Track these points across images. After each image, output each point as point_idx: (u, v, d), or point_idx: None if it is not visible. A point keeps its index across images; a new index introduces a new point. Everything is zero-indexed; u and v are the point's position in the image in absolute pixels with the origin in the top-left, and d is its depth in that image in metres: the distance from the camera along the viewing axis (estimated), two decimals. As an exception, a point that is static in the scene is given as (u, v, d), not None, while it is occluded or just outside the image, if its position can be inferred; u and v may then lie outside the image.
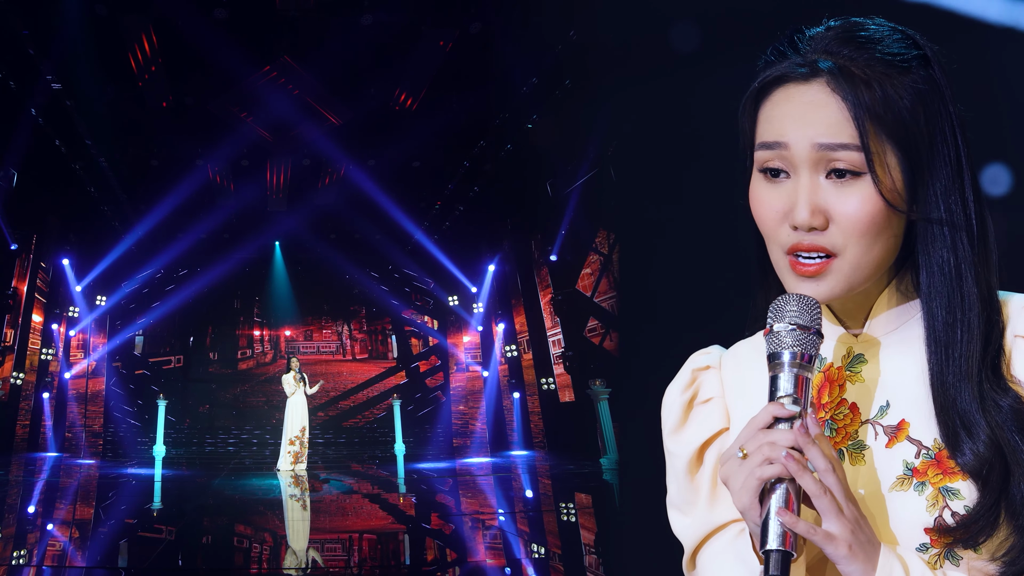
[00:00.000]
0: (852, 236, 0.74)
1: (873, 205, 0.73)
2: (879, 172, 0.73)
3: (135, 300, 12.40)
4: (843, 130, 0.73)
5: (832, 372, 0.82)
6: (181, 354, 12.89)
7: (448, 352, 13.79)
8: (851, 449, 0.79)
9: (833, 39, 0.76)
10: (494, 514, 7.13)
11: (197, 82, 9.14)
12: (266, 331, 13.40)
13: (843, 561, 0.69)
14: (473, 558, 5.18)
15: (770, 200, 0.77)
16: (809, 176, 0.74)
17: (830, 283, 0.75)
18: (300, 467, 9.88)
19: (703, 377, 0.90)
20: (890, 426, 0.78)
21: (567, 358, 11.69)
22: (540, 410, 12.41)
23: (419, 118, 10.07)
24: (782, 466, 0.69)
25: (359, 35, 8.58)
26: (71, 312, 11.79)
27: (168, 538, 6.12)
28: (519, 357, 12.94)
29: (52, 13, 7.69)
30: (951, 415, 0.73)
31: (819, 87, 0.74)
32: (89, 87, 8.70)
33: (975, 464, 0.72)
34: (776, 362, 0.74)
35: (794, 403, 0.72)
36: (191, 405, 12.68)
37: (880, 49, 0.75)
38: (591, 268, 11.47)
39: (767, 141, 0.77)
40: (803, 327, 0.73)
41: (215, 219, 11.52)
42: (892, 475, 0.76)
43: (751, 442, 0.71)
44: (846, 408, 0.81)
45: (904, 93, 0.74)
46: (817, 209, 0.74)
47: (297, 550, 5.58)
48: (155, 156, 10.33)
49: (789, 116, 0.75)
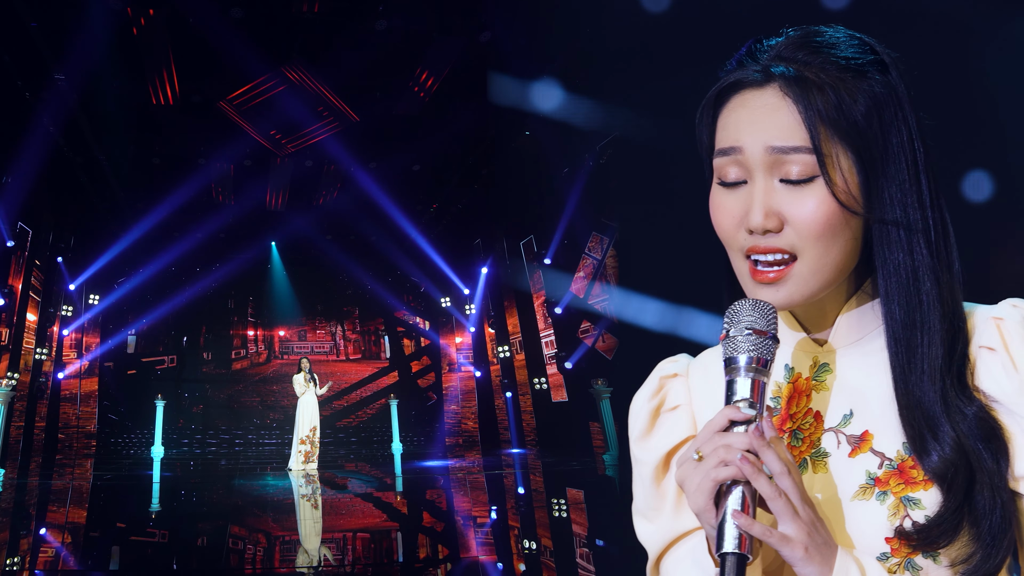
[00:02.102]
0: (808, 239, 0.73)
1: (827, 207, 0.72)
2: (832, 175, 0.72)
3: (129, 300, 12.13)
4: (796, 133, 0.73)
5: (801, 383, 0.81)
6: (175, 354, 12.69)
7: (441, 352, 13.86)
8: (814, 457, 0.78)
9: (789, 46, 0.76)
10: (520, 509, 7.27)
11: (206, 80, 8.97)
12: (260, 331, 13.25)
13: (799, 563, 0.69)
14: (517, 547, 5.27)
15: (727, 206, 0.77)
16: (764, 180, 0.74)
17: (790, 289, 0.75)
18: (311, 466, 9.83)
19: (670, 385, 0.89)
20: (853, 435, 0.77)
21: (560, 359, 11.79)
22: (532, 409, 12.51)
23: (423, 123, 10.12)
24: (737, 468, 0.68)
25: (372, 40, 8.56)
26: (65, 311, 11.54)
27: (206, 543, 6.04)
28: (511, 358, 12.99)
29: (65, 5, 7.51)
30: (916, 415, 0.73)
31: (773, 92, 0.74)
32: (95, 81, 8.48)
33: (941, 468, 0.71)
34: (732, 366, 0.73)
35: (750, 407, 0.71)
36: (184, 405, 12.49)
37: (835, 54, 0.75)
38: (584, 271, 11.58)
39: (723, 147, 0.76)
40: (759, 332, 0.73)
41: (213, 219, 11.43)
42: (854, 484, 0.75)
43: (707, 445, 0.70)
44: (811, 417, 0.80)
45: (859, 97, 0.73)
46: (771, 212, 0.73)
47: (330, 548, 5.54)
48: (157, 154, 10.25)
49: (744, 121, 0.75)
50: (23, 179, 9.57)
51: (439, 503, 8.01)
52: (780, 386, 0.83)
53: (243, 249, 12.33)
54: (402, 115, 10.09)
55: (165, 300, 12.38)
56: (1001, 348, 0.74)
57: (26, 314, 10.50)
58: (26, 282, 10.48)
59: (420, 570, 5.08)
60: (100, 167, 10.06)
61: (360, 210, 11.61)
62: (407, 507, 7.83)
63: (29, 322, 10.63)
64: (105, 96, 9.04)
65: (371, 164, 11.10)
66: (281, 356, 13.27)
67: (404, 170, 11.24)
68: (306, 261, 13.00)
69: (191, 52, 8.56)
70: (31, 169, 9.57)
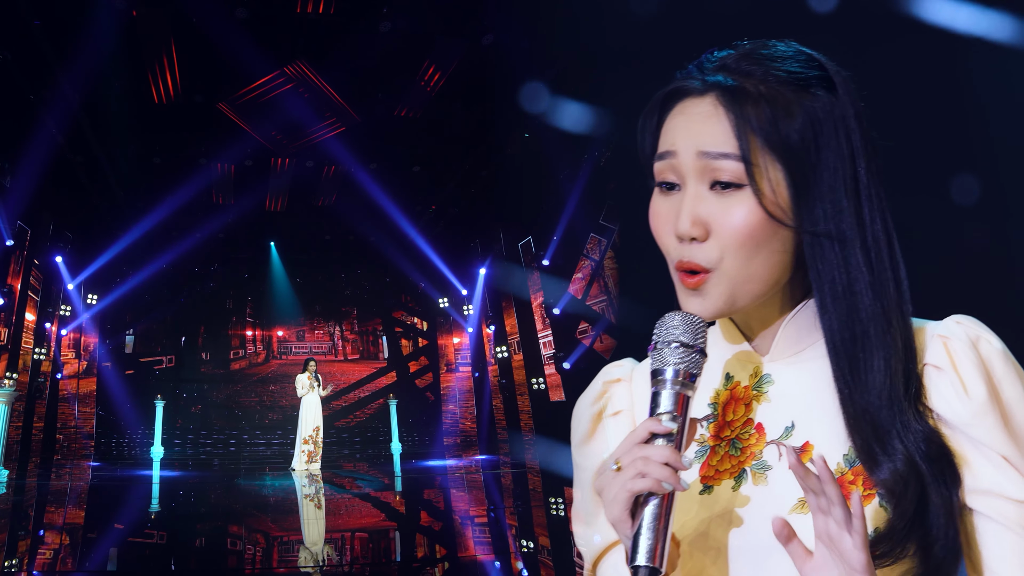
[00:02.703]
0: (729, 248, 0.73)
1: (753, 217, 0.72)
2: (760, 184, 0.72)
3: (127, 299, 12.03)
4: (727, 141, 0.73)
5: (739, 391, 0.81)
6: (173, 354, 12.61)
7: (439, 353, 13.88)
8: (755, 469, 0.77)
9: (735, 57, 0.76)
10: (519, 508, 7.33)
11: (208, 80, 8.93)
12: (258, 331, 13.17)
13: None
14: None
15: (662, 212, 0.77)
16: (695, 185, 0.74)
17: (712, 298, 0.74)
18: (314, 466, 9.85)
19: (614, 390, 0.88)
20: (794, 447, 0.76)
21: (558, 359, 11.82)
22: (530, 409, 12.54)
23: (424, 124, 10.15)
24: (654, 481, 0.68)
25: (376, 41, 8.57)
26: (63, 311, 11.42)
27: (234, 545, 6.03)
28: (509, 358, 13.02)
29: (69, 3, 7.44)
30: (863, 426, 0.71)
31: (710, 100, 0.74)
32: (97, 80, 8.41)
33: (892, 482, 0.70)
34: (659, 378, 0.73)
35: (672, 419, 0.71)
36: (183, 406, 12.42)
37: (778, 67, 0.75)
38: (582, 273, 11.62)
39: (660, 152, 0.77)
40: (686, 345, 0.73)
41: (213, 219, 11.38)
42: (794, 497, 0.74)
43: (626, 456, 0.70)
44: (752, 428, 0.79)
45: (795, 112, 0.73)
46: (698, 220, 0.73)
47: (333, 547, 5.55)
48: (158, 153, 10.22)
49: (680, 127, 0.76)
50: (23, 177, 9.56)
51: (438, 503, 8.04)
52: (719, 393, 0.82)
53: (242, 249, 12.31)
54: (403, 117, 10.13)
55: (164, 300, 12.36)
56: (949, 368, 0.74)
57: (25, 314, 10.48)
58: (25, 281, 10.45)
59: (421, 569, 5.10)
60: (100, 166, 10.04)
61: (359, 211, 11.63)
62: (408, 506, 7.85)
63: (28, 322, 10.60)
64: (107, 94, 9.00)
65: (371, 165, 11.14)
66: (280, 356, 13.23)
67: (404, 171, 11.27)
68: (305, 261, 13.00)
69: (194, 51, 8.55)
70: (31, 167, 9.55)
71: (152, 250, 11.54)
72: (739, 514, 0.76)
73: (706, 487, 0.79)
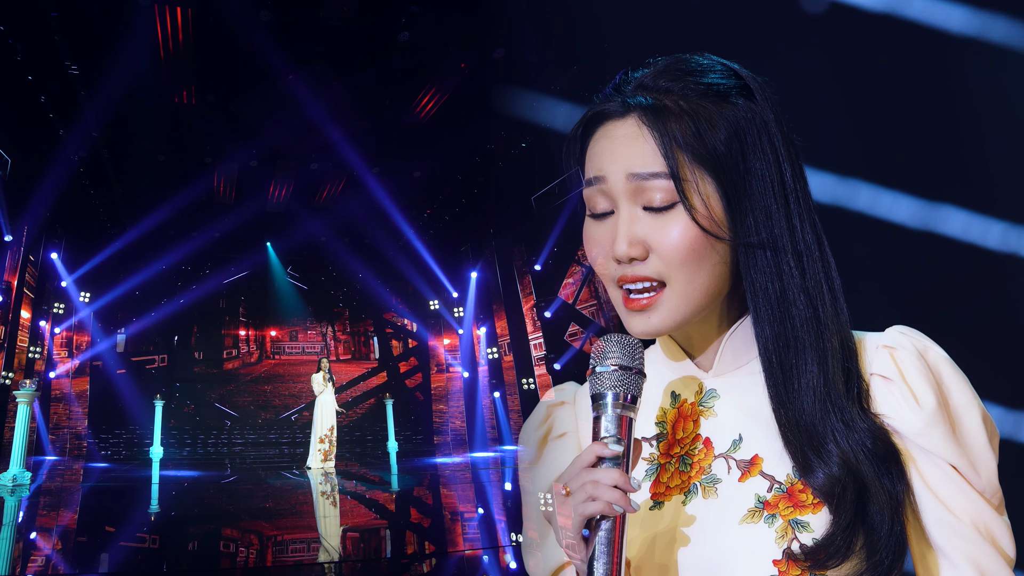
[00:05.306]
0: (673, 265, 0.72)
1: (690, 233, 0.72)
2: (692, 200, 0.71)
3: (121, 298, 11.64)
4: (655, 160, 0.72)
5: (686, 407, 0.80)
6: (165, 353, 12.31)
7: (429, 353, 14.08)
8: (705, 483, 0.76)
9: (653, 75, 0.75)
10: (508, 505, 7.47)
11: (225, 80, 8.82)
12: (251, 331, 12.99)
13: None
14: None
15: (596, 237, 0.76)
16: (628, 208, 0.73)
17: (661, 315, 0.74)
18: (329, 464, 9.72)
19: (557, 413, 0.87)
20: (743, 460, 0.75)
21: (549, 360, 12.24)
22: (520, 408, 12.90)
23: (429, 132, 10.36)
24: (605, 504, 0.67)
25: (393, 50, 8.77)
26: (56, 309, 11.06)
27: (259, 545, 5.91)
28: (500, 359, 13.22)
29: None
30: (796, 434, 0.71)
31: (633, 121, 0.74)
32: (110, 75, 8.14)
33: (827, 485, 0.69)
34: (599, 403, 0.72)
35: (617, 443, 0.70)
36: (175, 405, 12.15)
37: (696, 80, 0.74)
38: (573, 278, 12.08)
39: (588, 178, 0.76)
40: (625, 368, 0.72)
41: (210, 219, 11.11)
42: (743, 508, 0.73)
43: (574, 480, 0.69)
44: (700, 443, 0.78)
45: (719, 123, 0.73)
46: (635, 241, 0.73)
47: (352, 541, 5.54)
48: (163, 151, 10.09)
49: (606, 151, 0.75)
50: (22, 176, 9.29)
51: (436, 499, 8.21)
52: (666, 411, 0.81)
53: (237, 249, 12.16)
54: (410, 124, 10.33)
55: (156, 299, 12.10)
56: (898, 379, 0.73)
57: (20, 311, 10.15)
58: (20, 278, 10.13)
59: (424, 567, 5.25)
60: (102, 162, 9.83)
61: (357, 214, 11.71)
62: (405, 503, 7.82)
63: (23, 320, 10.26)
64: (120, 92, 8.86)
65: (374, 170, 11.28)
66: (272, 356, 13.06)
67: (405, 177, 11.45)
68: (300, 262, 12.97)
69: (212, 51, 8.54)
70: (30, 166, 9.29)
71: (147, 248, 11.29)
72: (689, 528, 0.75)
73: (656, 503, 0.78)
